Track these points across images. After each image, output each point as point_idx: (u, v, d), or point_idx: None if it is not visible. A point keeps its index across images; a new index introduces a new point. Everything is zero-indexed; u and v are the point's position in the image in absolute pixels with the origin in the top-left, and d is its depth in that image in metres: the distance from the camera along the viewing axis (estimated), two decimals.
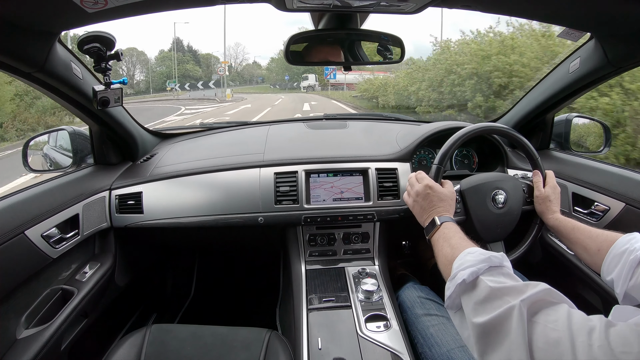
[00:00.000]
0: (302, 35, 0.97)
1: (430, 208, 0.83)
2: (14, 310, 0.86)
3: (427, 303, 0.98)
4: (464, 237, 0.71)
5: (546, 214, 0.94)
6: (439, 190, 0.85)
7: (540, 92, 1.26)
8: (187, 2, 0.78)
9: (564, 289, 1.28)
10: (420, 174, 0.91)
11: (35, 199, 0.95)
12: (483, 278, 0.55)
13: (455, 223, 0.79)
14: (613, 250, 0.71)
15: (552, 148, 1.41)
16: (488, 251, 0.61)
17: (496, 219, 0.96)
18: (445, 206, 0.83)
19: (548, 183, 0.97)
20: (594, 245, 0.78)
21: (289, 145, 1.34)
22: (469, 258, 0.60)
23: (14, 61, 0.78)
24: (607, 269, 0.72)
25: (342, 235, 1.21)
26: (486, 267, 0.56)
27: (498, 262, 0.57)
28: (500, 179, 0.99)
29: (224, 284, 1.91)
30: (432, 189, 0.85)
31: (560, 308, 0.48)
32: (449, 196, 0.85)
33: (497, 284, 0.52)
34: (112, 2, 0.67)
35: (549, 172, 1.00)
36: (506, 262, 0.59)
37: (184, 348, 0.88)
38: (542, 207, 0.96)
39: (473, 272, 0.56)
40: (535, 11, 0.87)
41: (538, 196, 0.97)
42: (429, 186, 0.85)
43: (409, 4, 0.77)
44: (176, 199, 1.18)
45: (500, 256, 0.59)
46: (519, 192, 0.99)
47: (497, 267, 0.57)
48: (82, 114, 1.11)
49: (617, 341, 0.41)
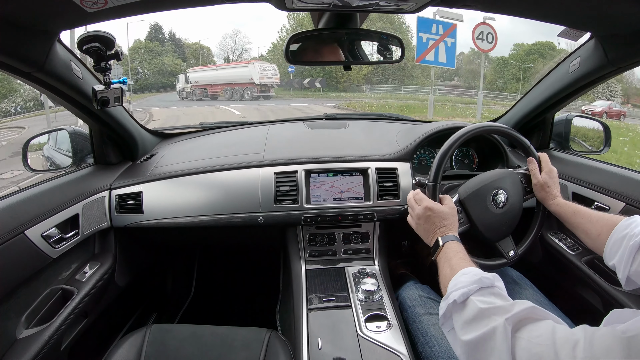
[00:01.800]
0: (302, 34, 0.97)
1: (433, 229, 0.82)
2: (14, 310, 0.86)
3: (428, 302, 0.98)
4: (464, 257, 0.72)
5: (547, 200, 0.94)
6: (439, 210, 0.83)
7: (540, 91, 1.26)
8: (187, 2, 0.78)
9: (564, 289, 1.29)
10: (418, 194, 0.89)
11: (35, 198, 0.95)
12: (473, 298, 0.58)
13: (458, 239, 0.79)
14: (614, 235, 0.72)
15: (552, 148, 1.41)
16: (481, 271, 0.63)
17: (500, 218, 0.96)
18: (447, 224, 0.82)
19: (544, 169, 0.97)
20: (594, 230, 0.79)
21: (288, 145, 1.34)
22: (462, 279, 0.62)
23: (14, 61, 0.78)
24: (609, 254, 0.72)
25: (342, 235, 1.21)
26: (477, 288, 0.59)
27: (489, 283, 0.60)
28: (497, 178, 0.98)
29: (224, 284, 1.91)
30: (432, 210, 0.83)
31: (545, 324, 0.50)
32: (449, 213, 0.84)
33: (485, 304, 0.55)
34: (111, 1, 0.67)
35: (542, 155, 0.99)
36: (498, 282, 0.61)
37: (183, 348, 0.88)
38: (541, 194, 0.95)
39: (464, 293, 0.59)
40: (535, 11, 0.87)
41: (536, 184, 0.96)
42: (428, 208, 0.84)
43: (408, 3, 0.76)
44: (176, 199, 1.18)
45: (491, 277, 0.61)
46: (518, 185, 0.99)
47: (488, 287, 0.60)
48: (82, 114, 1.11)
49: (601, 351, 0.42)
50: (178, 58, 33.94)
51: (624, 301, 0.97)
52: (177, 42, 36.20)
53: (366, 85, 26.91)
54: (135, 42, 32.72)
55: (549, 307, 0.92)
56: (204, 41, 50.67)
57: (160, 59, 31.75)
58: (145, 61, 31.07)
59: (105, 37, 0.84)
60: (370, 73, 27.33)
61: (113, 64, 0.91)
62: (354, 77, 26.95)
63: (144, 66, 30.97)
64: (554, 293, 1.01)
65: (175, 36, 36.38)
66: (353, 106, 16.30)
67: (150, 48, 32.07)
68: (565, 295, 1.17)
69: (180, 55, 34.90)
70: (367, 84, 27.08)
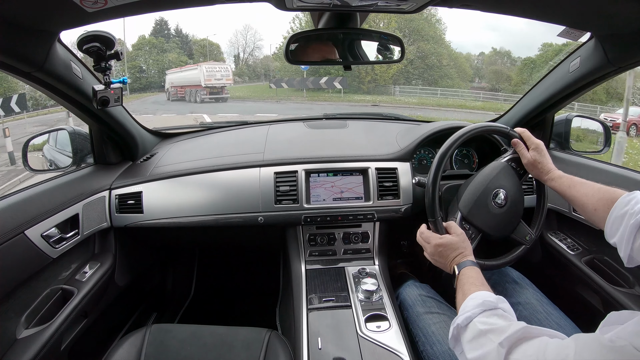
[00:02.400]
0: (302, 34, 0.97)
1: (448, 262, 0.84)
2: (14, 310, 0.86)
3: (428, 301, 0.98)
4: (475, 281, 0.74)
5: (542, 176, 0.93)
6: (448, 242, 0.85)
7: (541, 91, 1.26)
8: (187, 2, 0.78)
9: (564, 289, 1.29)
10: (424, 234, 0.91)
11: (35, 198, 0.95)
12: (475, 320, 0.63)
13: (473, 262, 0.81)
14: (614, 212, 0.71)
15: (552, 148, 1.41)
16: (487, 294, 0.68)
17: (505, 215, 0.97)
18: (460, 252, 0.84)
19: (530, 146, 0.94)
20: (590, 204, 0.78)
21: (288, 145, 1.33)
22: (469, 304, 0.67)
23: (14, 61, 0.78)
24: (610, 231, 0.71)
25: (342, 235, 1.21)
26: (480, 311, 0.64)
27: (492, 305, 0.64)
28: (490, 178, 0.97)
29: (224, 284, 1.91)
30: (442, 245, 0.85)
31: (538, 341, 0.53)
32: (459, 240, 0.85)
33: (485, 326, 0.60)
34: (111, 1, 0.66)
35: (522, 130, 0.96)
36: (502, 304, 0.65)
37: (183, 348, 0.88)
38: (535, 172, 0.94)
39: (467, 317, 0.64)
40: (535, 11, 0.87)
41: (527, 163, 0.95)
42: (437, 245, 0.86)
43: (408, 3, 0.76)
44: (176, 199, 1.18)
45: (495, 299, 0.66)
46: (511, 175, 0.98)
47: (492, 310, 0.64)
48: (82, 114, 1.11)
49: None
50: (184, 55, 31.39)
51: (623, 301, 0.97)
52: (184, 38, 33.94)
53: (394, 87, 22.73)
54: (140, 38, 30.76)
55: (549, 307, 0.92)
56: (213, 37, 47.23)
57: (164, 56, 29.38)
58: (150, 58, 29.16)
59: (105, 37, 0.84)
60: (398, 72, 22.95)
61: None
62: (381, 76, 22.57)
63: (149, 63, 29.08)
64: (554, 293, 1.01)
65: (181, 32, 34.19)
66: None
67: (154, 44, 30.15)
68: (565, 295, 1.17)
69: (187, 52, 32.50)
70: (395, 85, 22.90)
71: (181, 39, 33.81)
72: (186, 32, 35.00)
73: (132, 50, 30.00)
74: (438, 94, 21.12)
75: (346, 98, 19.19)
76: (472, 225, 0.96)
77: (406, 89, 22.45)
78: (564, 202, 1.22)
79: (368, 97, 20.15)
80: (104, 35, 0.84)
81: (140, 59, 29.46)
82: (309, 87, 19.89)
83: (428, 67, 23.59)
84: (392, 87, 22.64)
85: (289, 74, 21.22)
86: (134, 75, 28.22)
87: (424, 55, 23.83)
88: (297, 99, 19.17)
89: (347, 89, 20.39)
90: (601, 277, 1.05)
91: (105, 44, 0.86)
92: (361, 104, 18.10)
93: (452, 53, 25.28)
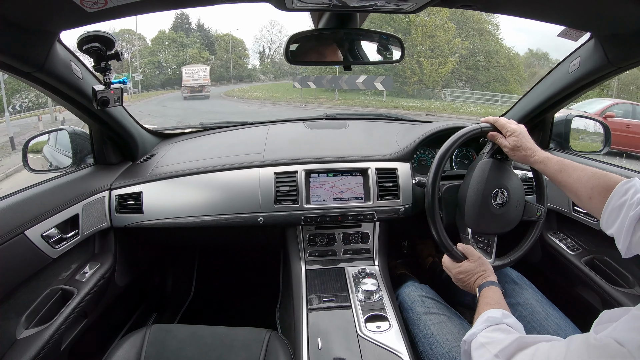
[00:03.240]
0: (302, 34, 0.97)
1: (471, 285, 0.87)
2: (14, 310, 0.86)
3: (428, 301, 0.98)
4: (490, 301, 0.76)
5: (528, 160, 0.87)
6: (468, 269, 0.88)
7: (540, 91, 1.26)
8: (187, 2, 0.79)
9: (564, 289, 1.29)
10: (445, 263, 0.94)
11: (35, 199, 0.95)
12: (479, 335, 0.65)
13: (494, 282, 0.83)
14: (611, 202, 0.67)
15: (552, 148, 1.41)
16: (493, 311, 0.70)
17: (510, 209, 0.98)
18: (479, 274, 0.86)
19: (505, 133, 0.91)
20: (584, 192, 0.74)
21: (288, 145, 1.34)
22: (477, 322, 0.70)
23: (14, 61, 0.78)
24: (607, 222, 0.68)
25: (342, 235, 1.21)
26: (484, 327, 0.66)
27: (497, 321, 0.67)
28: (483, 181, 0.97)
29: (224, 284, 1.91)
30: (462, 273, 0.88)
31: (532, 349, 0.55)
32: (476, 265, 0.87)
33: (486, 339, 0.63)
34: (112, 1, 0.67)
35: (492, 119, 0.95)
36: (506, 319, 0.67)
37: (183, 348, 0.88)
38: (519, 157, 0.89)
39: (472, 334, 0.67)
40: (535, 11, 0.87)
41: (507, 151, 0.91)
42: (458, 273, 0.89)
43: (408, 3, 0.76)
44: (176, 199, 1.18)
45: (499, 315, 0.68)
46: (500, 167, 0.99)
47: (495, 325, 0.66)
48: (82, 114, 1.11)
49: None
50: (205, 50, 29.63)
51: (623, 301, 0.97)
52: (205, 33, 31.92)
53: (444, 90, 19.20)
54: (159, 33, 29.25)
55: (548, 308, 0.92)
56: (236, 32, 44.41)
57: (184, 51, 27.70)
58: (169, 54, 27.84)
59: (105, 37, 0.85)
60: (450, 73, 19.70)
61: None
62: (430, 76, 18.73)
63: (168, 59, 27.75)
64: (553, 293, 1.01)
65: (203, 26, 32.25)
66: None
67: (174, 39, 28.82)
68: (565, 295, 1.17)
69: (208, 48, 30.49)
70: (445, 89, 19.32)
71: (202, 34, 31.99)
72: (208, 27, 33.68)
73: (152, 45, 29.03)
74: (499, 100, 16.99)
75: (390, 103, 15.20)
76: (485, 234, 0.99)
77: (458, 94, 18.61)
78: (564, 202, 1.22)
79: (418, 102, 15.97)
80: (104, 36, 0.84)
81: (159, 54, 28.50)
82: (342, 87, 16.08)
83: (484, 67, 20.29)
84: (441, 91, 19.11)
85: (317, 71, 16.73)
86: (152, 71, 27.26)
87: (478, 54, 21.16)
88: (327, 102, 15.47)
89: (389, 92, 16.25)
90: (601, 277, 1.05)
91: (106, 44, 0.86)
92: (412, 112, 12.88)
93: (509, 53, 21.99)
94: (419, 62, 19.79)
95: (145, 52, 28.81)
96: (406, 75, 18.95)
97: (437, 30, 20.21)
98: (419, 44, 20.19)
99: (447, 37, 20.48)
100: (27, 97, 13.54)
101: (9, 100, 15.37)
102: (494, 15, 19.05)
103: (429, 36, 20.18)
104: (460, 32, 21.19)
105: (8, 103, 9.50)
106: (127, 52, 27.77)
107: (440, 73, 19.29)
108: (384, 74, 14.80)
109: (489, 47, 21.52)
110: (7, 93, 11.99)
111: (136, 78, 23.25)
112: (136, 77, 23.33)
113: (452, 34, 20.63)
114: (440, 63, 19.53)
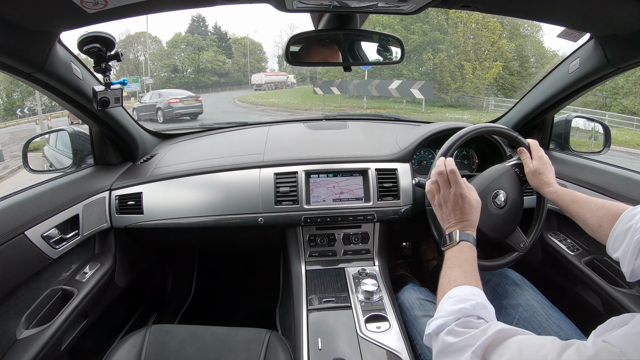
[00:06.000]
0: (302, 35, 0.97)
1: (455, 219, 0.79)
2: (14, 311, 0.86)
3: (426, 305, 0.98)
4: (468, 267, 0.70)
5: (542, 188, 0.92)
6: (469, 201, 0.79)
7: (540, 92, 1.26)
8: (188, 2, 0.79)
9: (564, 289, 1.28)
10: (453, 174, 0.81)
11: (35, 199, 0.95)
12: (445, 330, 0.59)
13: (474, 242, 0.76)
14: (617, 227, 0.69)
15: (552, 148, 1.41)
16: (467, 297, 0.62)
17: (503, 217, 0.96)
18: (471, 219, 0.78)
19: (534, 156, 0.96)
20: (594, 221, 0.76)
21: (289, 146, 1.34)
22: (445, 307, 0.62)
23: (14, 61, 0.79)
24: (613, 246, 0.70)
25: (342, 236, 1.21)
26: (454, 320, 0.59)
27: (469, 313, 0.59)
28: (493, 179, 0.97)
29: (224, 284, 1.91)
30: (463, 198, 0.79)
31: (512, 343, 0.50)
32: (476, 207, 0.80)
33: (455, 338, 0.56)
34: (112, 2, 0.67)
35: (532, 142, 0.98)
36: (479, 311, 0.59)
37: (183, 348, 0.88)
38: (535, 182, 0.94)
39: (440, 326, 0.60)
40: (535, 11, 0.87)
41: (528, 172, 0.95)
42: (460, 195, 0.79)
43: (408, 4, 0.77)
44: (176, 200, 1.18)
45: (471, 307, 0.59)
46: (514, 179, 0.99)
47: (468, 317, 0.59)
48: (82, 114, 1.11)
49: None
50: (222, 54, 28.67)
51: (623, 302, 0.97)
52: (222, 36, 31.01)
53: (489, 99, 16.50)
54: (175, 35, 28.43)
55: (549, 309, 0.92)
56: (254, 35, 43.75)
57: (200, 54, 26.66)
58: (186, 57, 26.73)
59: (106, 37, 0.85)
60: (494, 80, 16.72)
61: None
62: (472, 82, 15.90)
63: (184, 63, 26.74)
64: (554, 294, 1.01)
65: (219, 29, 31.28)
66: None
67: (189, 42, 27.96)
68: (565, 295, 1.17)
69: (225, 51, 29.40)
70: (489, 97, 16.68)
71: (219, 37, 31.21)
72: (225, 30, 32.87)
73: (167, 47, 28.21)
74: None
75: (432, 115, 12.47)
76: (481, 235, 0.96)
77: (504, 103, 15.35)
78: None
79: (465, 113, 13.22)
80: (104, 36, 0.84)
81: (175, 57, 27.63)
82: (371, 94, 13.15)
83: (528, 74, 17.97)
84: (483, 99, 16.43)
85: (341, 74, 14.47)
86: (167, 75, 26.30)
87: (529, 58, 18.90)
88: (354, 111, 12.88)
89: (430, 100, 13.38)
90: (601, 277, 1.05)
91: (106, 45, 0.86)
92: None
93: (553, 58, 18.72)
94: (460, 66, 16.70)
95: (162, 55, 28.06)
96: (444, 81, 16.31)
97: (480, 29, 17.20)
98: (461, 44, 17.13)
99: (493, 37, 17.13)
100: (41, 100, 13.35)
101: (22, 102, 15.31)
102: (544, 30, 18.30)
103: (473, 36, 17.56)
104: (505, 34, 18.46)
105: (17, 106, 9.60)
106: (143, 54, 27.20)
107: (485, 79, 16.52)
108: (422, 79, 12.73)
109: (536, 51, 19.58)
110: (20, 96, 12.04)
111: (146, 82, 22.76)
112: (146, 80, 22.88)
113: (498, 34, 17.34)
114: (484, 67, 16.53)
